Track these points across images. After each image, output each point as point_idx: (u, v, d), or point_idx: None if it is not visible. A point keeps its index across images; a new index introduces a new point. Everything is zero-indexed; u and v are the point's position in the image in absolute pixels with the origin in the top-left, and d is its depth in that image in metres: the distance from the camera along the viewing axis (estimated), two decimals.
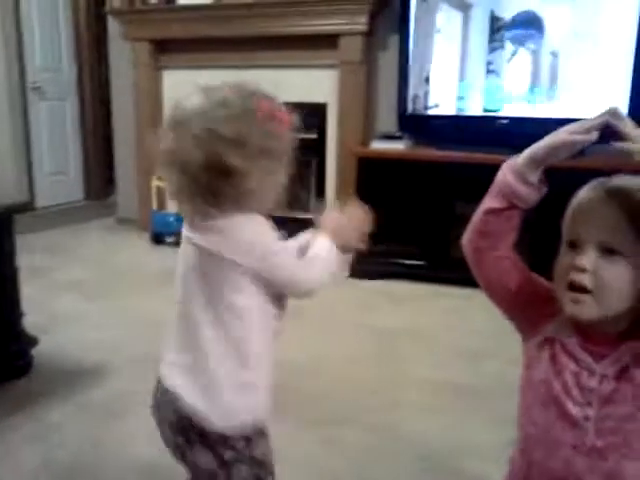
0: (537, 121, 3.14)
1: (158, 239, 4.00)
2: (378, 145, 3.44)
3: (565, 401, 0.89)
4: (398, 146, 3.39)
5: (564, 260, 0.87)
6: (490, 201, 0.94)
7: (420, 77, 3.36)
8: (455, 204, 3.23)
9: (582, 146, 0.86)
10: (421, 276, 3.27)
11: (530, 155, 0.90)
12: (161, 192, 4.13)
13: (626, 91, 2.93)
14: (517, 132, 3.14)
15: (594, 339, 0.88)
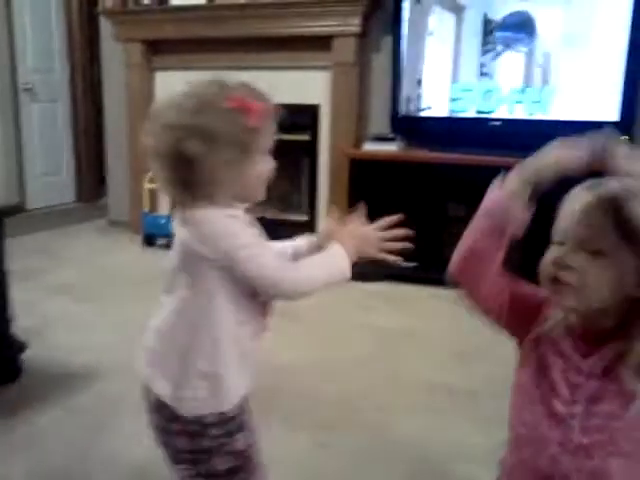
0: (529, 123, 3.15)
1: (150, 241, 3.99)
2: (371, 146, 3.44)
3: (552, 399, 0.90)
4: (391, 147, 3.39)
5: (551, 256, 0.89)
6: (480, 221, 0.96)
7: (413, 80, 3.37)
8: (448, 205, 3.23)
9: (573, 168, 0.88)
10: (414, 278, 3.27)
11: (519, 175, 0.92)
12: (153, 194, 4.12)
13: (617, 94, 2.93)
14: (509, 134, 3.15)
15: (583, 338, 0.90)
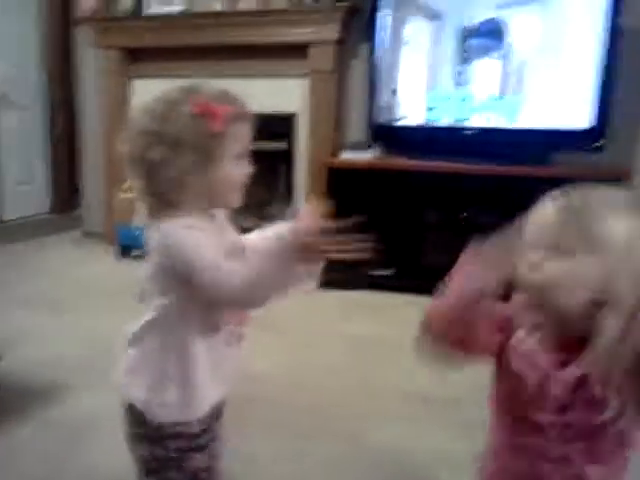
0: (504, 131, 3.19)
1: (124, 252, 3.94)
2: (348, 155, 3.45)
3: (529, 408, 0.91)
4: (368, 156, 3.40)
5: (517, 259, 0.90)
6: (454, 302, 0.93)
7: (388, 89, 3.38)
8: (425, 213, 3.25)
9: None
10: (391, 285, 3.27)
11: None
12: (128, 205, 4.07)
13: (590, 102, 2.98)
14: (485, 142, 3.19)
15: (556, 349, 0.90)
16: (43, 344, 2.58)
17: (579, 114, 3.01)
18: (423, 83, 3.33)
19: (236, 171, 1.05)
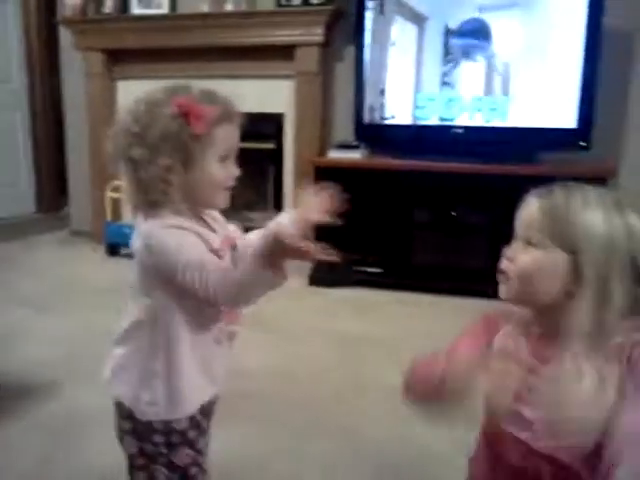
0: (490, 130, 3.21)
1: (113, 251, 3.93)
2: (335, 154, 3.46)
3: (517, 403, 0.93)
4: (355, 155, 3.41)
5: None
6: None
7: (376, 89, 3.40)
8: (413, 211, 3.27)
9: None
10: (381, 283, 3.29)
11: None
12: (115, 203, 4.06)
13: (575, 102, 3.01)
14: (471, 141, 3.21)
15: (540, 344, 0.92)
16: (32, 343, 2.57)
17: (565, 114, 3.04)
18: (410, 84, 3.34)
19: (221, 173, 1.04)
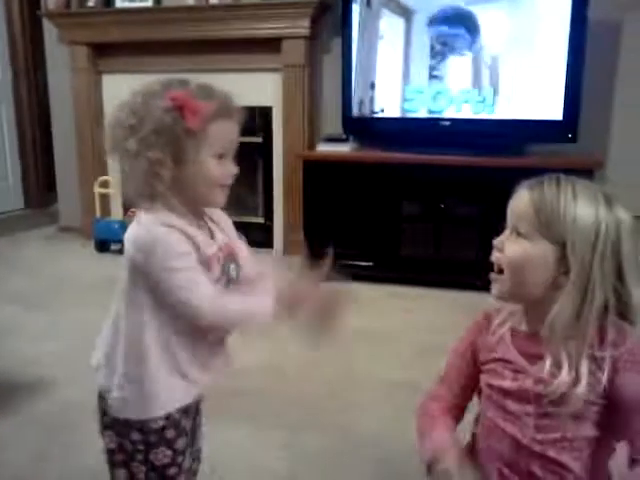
0: (477, 122, 3.21)
1: (102, 247, 3.90)
2: (324, 148, 3.45)
3: (506, 399, 0.95)
4: (344, 148, 3.41)
5: None
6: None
7: (365, 83, 3.39)
8: (402, 204, 3.27)
9: None
10: (371, 277, 3.29)
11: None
12: (104, 198, 4.03)
13: (561, 94, 3.01)
14: (459, 133, 3.22)
15: (528, 342, 0.94)
16: (22, 340, 2.56)
17: (551, 106, 3.05)
18: (398, 76, 3.33)
19: (217, 170, 1.03)
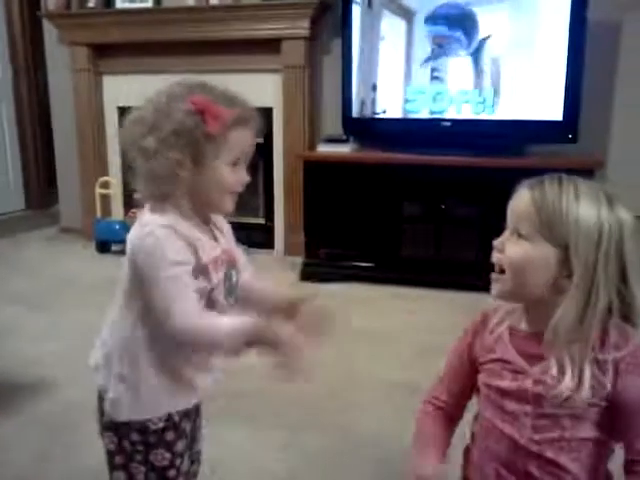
0: (478, 123, 3.21)
1: (103, 248, 3.90)
2: (324, 148, 3.46)
3: (504, 399, 0.95)
4: (344, 149, 3.41)
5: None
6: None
7: (366, 84, 3.39)
8: (402, 205, 3.27)
9: None
10: (372, 278, 3.29)
11: None
12: (105, 199, 4.04)
13: (561, 95, 3.01)
14: (460, 134, 3.21)
15: (527, 341, 0.94)
16: (24, 341, 2.57)
17: (552, 106, 3.05)
18: (398, 77, 3.33)
19: (231, 177, 1.03)
